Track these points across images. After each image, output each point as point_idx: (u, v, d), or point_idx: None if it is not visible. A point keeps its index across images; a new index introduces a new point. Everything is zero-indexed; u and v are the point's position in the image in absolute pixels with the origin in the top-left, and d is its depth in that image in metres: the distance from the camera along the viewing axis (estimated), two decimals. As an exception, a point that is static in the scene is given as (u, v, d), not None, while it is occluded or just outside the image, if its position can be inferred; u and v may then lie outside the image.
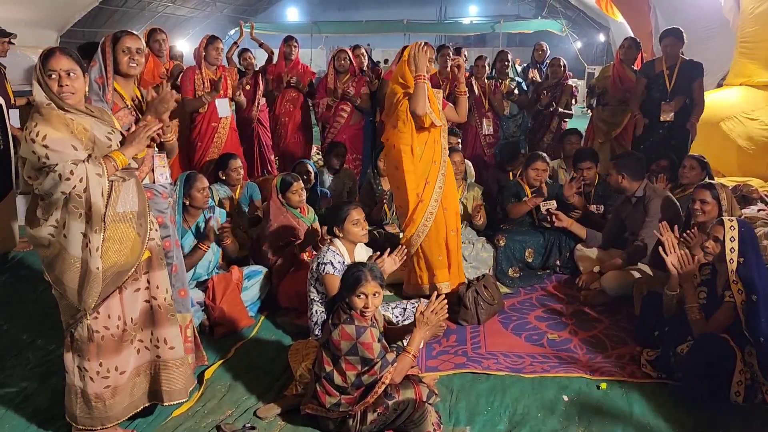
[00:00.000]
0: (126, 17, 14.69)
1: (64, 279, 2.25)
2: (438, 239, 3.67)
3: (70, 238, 2.23)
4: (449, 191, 3.74)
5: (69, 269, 2.24)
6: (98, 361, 2.35)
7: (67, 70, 2.23)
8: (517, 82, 6.15)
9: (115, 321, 2.36)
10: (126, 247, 2.32)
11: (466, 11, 28.63)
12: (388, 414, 2.46)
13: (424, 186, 3.61)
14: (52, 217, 2.23)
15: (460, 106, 3.75)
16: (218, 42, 5.04)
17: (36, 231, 2.25)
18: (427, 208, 3.61)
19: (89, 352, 2.33)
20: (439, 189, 3.64)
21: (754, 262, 2.72)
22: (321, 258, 3.08)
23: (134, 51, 2.62)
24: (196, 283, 3.66)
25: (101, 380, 2.36)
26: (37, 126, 2.15)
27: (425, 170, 3.61)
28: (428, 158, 3.61)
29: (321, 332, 2.83)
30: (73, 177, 2.16)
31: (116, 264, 2.29)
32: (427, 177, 3.61)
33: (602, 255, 4.13)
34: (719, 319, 2.77)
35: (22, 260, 4.59)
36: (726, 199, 3.35)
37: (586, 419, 2.65)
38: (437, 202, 3.63)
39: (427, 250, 3.68)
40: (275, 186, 3.95)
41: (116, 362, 2.38)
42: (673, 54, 4.96)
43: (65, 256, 2.23)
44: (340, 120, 5.69)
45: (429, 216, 3.62)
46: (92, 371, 2.34)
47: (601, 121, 5.76)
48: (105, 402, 2.37)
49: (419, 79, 3.47)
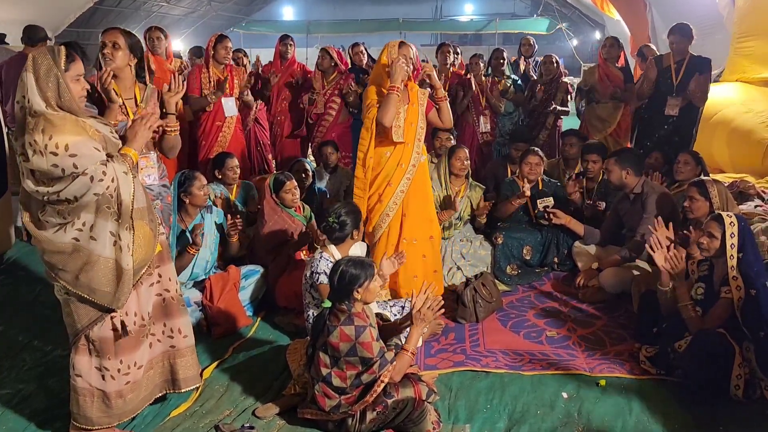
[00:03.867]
0: (121, 17, 14.62)
1: (92, 283, 2.22)
2: (389, 246, 3.56)
3: (99, 240, 2.20)
4: (416, 197, 3.59)
5: (99, 271, 2.21)
6: (118, 359, 2.35)
7: (81, 74, 2.23)
8: (513, 80, 6.15)
9: (132, 317, 2.37)
10: (144, 242, 2.32)
11: (461, 9, 28.62)
12: (387, 413, 2.45)
13: (385, 186, 3.51)
14: (79, 221, 2.18)
15: (442, 112, 3.65)
16: (227, 41, 5.01)
17: (54, 237, 2.18)
18: (384, 209, 3.53)
19: (109, 351, 2.33)
20: (401, 193, 3.52)
21: (752, 257, 2.73)
22: (315, 267, 3.04)
23: (109, 45, 2.61)
24: (193, 282, 3.65)
25: (122, 377, 2.37)
26: (52, 137, 2.07)
27: (389, 172, 3.51)
28: (394, 161, 3.50)
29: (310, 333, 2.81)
30: (106, 177, 2.15)
31: (138, 259, 2.30)
32: (390, 179, 3.51)
33: (600, 252, 4.13)
34: (716, 315, 2.77)
35: (18, 261, 4.57)
36: (718, 195, 3.34)
37: (585, 416, 2.65)
38: (396, 204, 3.53)
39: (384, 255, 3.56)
40: (268, 185, 3.93)
41: (135, 358, 2.41)
42: (680, 50, 4.96)
43: (94, 259, 2.20)
44: (328, 118, 5.68)
45: (385, 217, 3.54)
46: (113, 369, 2.35)
47: (595, 119, 5.77)
48: (125, 398, 2.39)
49: (392, 90, 3.34)
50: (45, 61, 2.13)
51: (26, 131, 2.11)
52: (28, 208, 2.25)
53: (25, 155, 2.11)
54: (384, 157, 3.52)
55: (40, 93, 2.12)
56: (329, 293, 2.55)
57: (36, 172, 2.12)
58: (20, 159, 2.16)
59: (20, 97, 2.14)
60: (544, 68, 6.05)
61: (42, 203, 2.19)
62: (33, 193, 2.15)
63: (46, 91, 2.12)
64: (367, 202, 3.56)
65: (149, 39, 5.17)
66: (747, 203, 4.87)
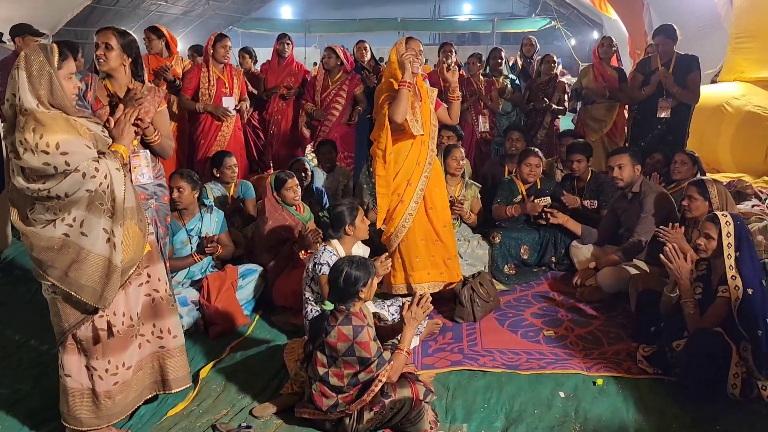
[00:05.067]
0: (119, 16, 14.58)
1: (81, 279, 2.21)
2: (416, 241, 3.61)
3: (91, 236, 2.19)
4: (434, 191, 3.65)
5: (89, 268, 2.21)
6: (106, 359, 2.35)
7: (73, 72, 2.23)
8: (511, 80, 6.15)
9: (120, 317, 2.36)
10: (133, 243, 2.32)
11: (460, 9, 28.63)
12: (384, 413, 2.45)
13: (405, 186, 3.53)
14: (69, 217, 2.17)
15: (453, 110, 3.71)
16: (226, 40, 4.99)
17: (43, 232, 2.17)
18: (406, 209, 3.54)
19: (97, 351, 2.33)
20: (420, 191, 3.55)
21: (748, 256, 2.73)
22: (318, 258, 3.05)
23: (102, 46, 2.61)
24: (190, 282, 3.64)
25: (110, 377, 2.36)
26: (42, 136, 2.06)
27: (408, 171, 3.53)
28: (413, 159, 3.53)
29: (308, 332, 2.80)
30: (99, 174, 2.15)
31: (126, 260, 2.29)
32: (409, 178, 3.53)
33: (598, 251, 4.13)
34: (714, 314, 2.76)
35: (15, 260, 4.56)
36: (718, 195, 3.34)
37: (582, 416, 2.65)
38: (417, 203, 3.56)
39: (405, 251, 3.63)
40: (269, 183, 3.93)
41: (123, 358, 2.39)
42: (666, 51, 5.02)
43: (84, 255, 2.19)
44: (331, 118, 5.65)
45: (408, 217, 3.55)
46: (101, 369, 2.34)
47: (591, 120, 5.81)
48: (114, 399, 2.38)
49: (403, 85, 3.36)
50: (38, 58, 2.13)
51: (17, 129, 2.11)
52: (16, 206, 2.24)
53: (16, 153, 2.10)
54: (402, 155, 3.54)
55: (32, 91, 2.11)
56: (331, 294, 2.56)
57: (26, 170, 2.12)
58: (11, 156, 2.15)
59: (10, 94, 2.13)
60: (544, 67, 6.06)
61: (31, 200, 2.19)
62: (23, 189, 2.14)
63: (38, 88, 2.11)
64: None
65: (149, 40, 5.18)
66: (744, 203, 4.88)
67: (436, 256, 3.67)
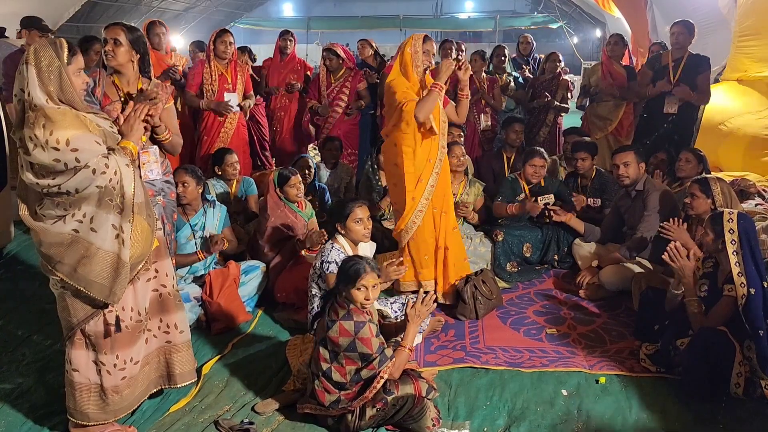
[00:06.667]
0: (121, 12, 14.58)
1: (90, 275, 2.21)
2: (425, 238, 3.62)
3: (100, 232, 2.19)
4: (443, 190, 3.66)
5: (98, 264, 2.21)
6: (114, 354, 2.35)
7: (82, 67, 2.23)
8: (514, 77, 6.14)
9: (128, 312, 2.37)
10: (142, 238, 2.32)
11: (461, 6, 28.58)
12: (387, 409, 2.45)
13: (416, 183, 3.55)
14: (79, 213, 2.17)
15: (462, 108, 3.70)
16: (227, 35, 4.94)
17: (53, 227, 2.17)
18: (417, 206, 3.56)
19: (105, 346, 2.33)
20: (430, 188, 3.57)
21: (750, 255, 2.72)
22: (325, 256, 3.04)
23: (110, 42, 2.60)
24: (193, 277, 3.64)
25: (118, 372, 2.37)
26: (53, 133, 2.06)
27: (419, 168, 3.55)
28: (423, 157, 3.54)
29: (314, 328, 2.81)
30: (109, 170, 2.15)
31: (135, 255, 2.30)
32: (420, 175, 3.55)
33: (601, 250, 4.13)
34: (719, 313, 2.76)
35: (18, 255, 4.56)
36: (721, 193, 3.32)
37: (584, 413, 2.65)
38: (428, 200, 3.57)
39: (414, 248, 3.64)
40: (272, 180, 3.93)
41: (131, 353, 2.40)
42: (681, 43, 4.93)
43: (93, 251, 2.19)
44: (334, 114, 5.64)
45: (419, 214, 3.57)
46: (109, 364, 2.34)
47: (596, 117, 5.78)
48: (122, 394, 2.39)
49: (436, 87, 3.39)
50: (47, 53, 2.11)
51: (26, 125, 2.09)
52: (25, 201, 2.24)
53: (26, 148, 2.09)
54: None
55: (42, 86, 2.10)
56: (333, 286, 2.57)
57: (36, 165, 2.11)
58: (20, 152, 2.14)
59: (18, 90, 2.12)
60: (548, 66, 6.04)
61: (40, 196, 2.18)
62: (32, 185, 2.13)
63: (48, 84, 2.10)
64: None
65: (153, 35, 5.14)
66: (747, 201, 4.87)
67: (444, 254, 3.69)
